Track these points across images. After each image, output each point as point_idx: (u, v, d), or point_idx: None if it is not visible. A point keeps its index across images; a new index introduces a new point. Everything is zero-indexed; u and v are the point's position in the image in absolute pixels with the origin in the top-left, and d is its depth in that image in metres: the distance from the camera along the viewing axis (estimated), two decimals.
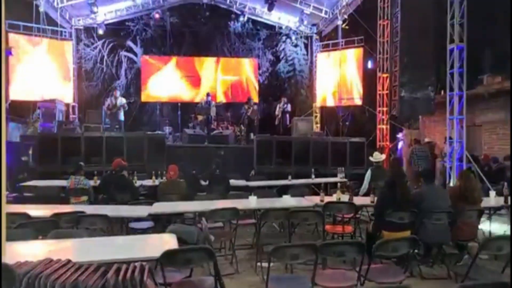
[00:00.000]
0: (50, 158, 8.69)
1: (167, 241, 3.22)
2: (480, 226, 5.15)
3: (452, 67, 8.62)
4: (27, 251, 2.89)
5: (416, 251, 4.05)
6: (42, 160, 8.71)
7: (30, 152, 9.10)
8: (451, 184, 8.56)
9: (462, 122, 8.73)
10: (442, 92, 11.02)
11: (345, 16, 13.73)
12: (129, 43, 15.13)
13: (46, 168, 8.43)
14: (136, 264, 2.48)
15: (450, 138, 8.88)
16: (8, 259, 2.18)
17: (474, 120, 11.25)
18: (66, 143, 8.99)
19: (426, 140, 11.13)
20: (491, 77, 12.09)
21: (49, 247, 3.07)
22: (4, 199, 2.13)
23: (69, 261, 2.37)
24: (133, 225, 5.01)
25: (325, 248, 3.15)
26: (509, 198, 5.42)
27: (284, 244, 3.38)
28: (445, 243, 4.64)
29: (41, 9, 12.06)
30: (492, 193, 5.84)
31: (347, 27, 14.01)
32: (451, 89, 8.70)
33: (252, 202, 5.02)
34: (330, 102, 14.95)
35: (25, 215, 3.95)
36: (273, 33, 15.92)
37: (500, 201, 5.52)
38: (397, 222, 4.33)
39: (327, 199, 5.27)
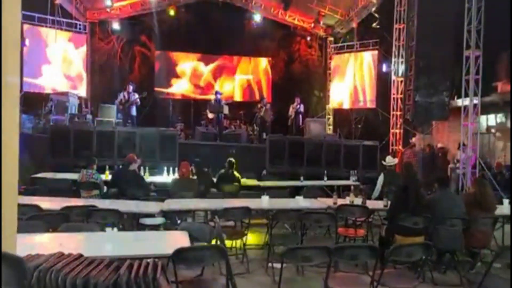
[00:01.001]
0: (62, 151, 8.73)
1: (179, 238, 3.19)
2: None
3: (467, 73, 8.50)
4: (38, 244, 2.88)
5: (429, 257, 3.99)
6: (53, 153, 8.76)
7: None
8: (464, 191, 8.45)
9: (476, 129, 8.61)
10: (456, 98, 10.89)
11: (361, 19, 13.59)
12: (144, 38, 15.18)
13: (57, 161, 8.48)
14: (149, 260, 2.45)
15: (464, 144, 8.75)
16: (18, 251, 2.15)
17: (488, 127, 11.08)
18: (78, 136, 9.02)
19: (439, 145, 11.00)
20: (505, 84, 11.90)
21: (59, 240, 3.06)
22: (16, 191, 2.10)
23: (80, 255, 2.34)
24: (144, 221, 4.99)
25: (339, 251, 3.09)
26: None
27: (297, 246, 3.34)
28: (458, 250, 4.60)
29: (57, 1, 12.15)
30: (506, 201, 5.72)
31: (362, 29, 13.86)
32: (466, 95, 8.58)
33: (264, 202, 4.98)
34: (344, 104, 14.84)
35: (36, 207, 3.95)
36: (288, 33, 15.84)
37: None
38: (411, 227, 4.30)
39: (340, 201, 5.21)
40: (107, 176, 6.68)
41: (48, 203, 4.32)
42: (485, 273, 3.33)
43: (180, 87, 15.40)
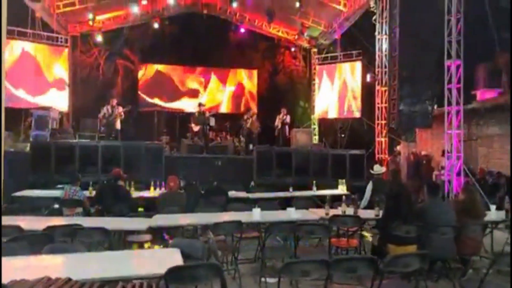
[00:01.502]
0: (43, 167, 8.45)
1: (171, 256, 3.07)
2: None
3: (449, 82, 8.70)
4: (21, 268, 2.70)
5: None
6: (34, 169, 8.46)
7: None
8: (450, 198, 8.55)
9: (459, 136, 8.77)
10: (436, 107, 11.12)
11: (343, 30, 13.82)
12: (127, 51, 15.01)
13: (38, 178, 8.19)
14: (142, 281, 2.33)
15: (448, 152, 8.89)
16: (2, 277, 2.01)
17: (470, 134, 11.33)
18: (60, 151, 8.76)
19: (423, 153, 11.16)
20: (484, 92, 12.27)
21: (44, 263, 2.89)
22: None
23: (69, 279, 2.21)
24: (131, 238, 4.82)
25: (337, 263, 3.03)
26: (509, 212, 5.40)
27: (294, 260, 3.27)
28: (450, 258, 4.59)
29: (38, 14, 11.92)
30: (493, 207, 5.79)
31: (345, 40, 14.09)
32: (449, 104, 8.76)
33: (256, 215, 4.88)
34: (329, 114, 14.96)
35: (17, 228, 3.75)
36: (273, 45, 15.96)
37: (501, 215, 5.47)
38: (403, 236, 4.27)
39: (332, 212, 5.17)
40: (90, 192, 6.47)
41: (29, 223, 4.11)
42: (482, 280, 3.32)
43: (165, 100, 15.24)
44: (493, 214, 5.53)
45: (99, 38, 14.19)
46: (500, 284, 3.79)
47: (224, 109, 15.53)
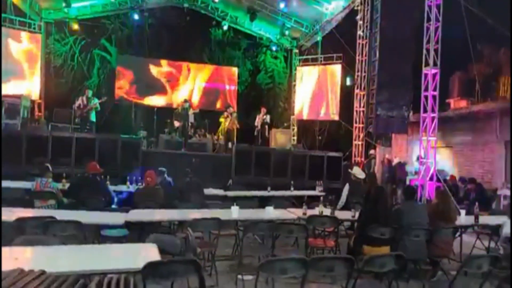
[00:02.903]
0: (13, 158, 8.11)
1: (149, 252, 3.01)
2: None
3: (426, 89, 8.93)
4: None
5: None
6: (4, 160, 8.09)
7: None
8: (422, 201, 8.81)
9: (433, 143, 9.03)
10: (412, 113, 11.42)
11: (325, 33, 13.98)
12: (104, 41, 14.63)
13: (8, 168, 7.84)
14: (119, 276, 2.27)
15: (422, 157, 9.14)
16: None
17: (444, 141, 11.70)
18: (31, 142, 8.45)
19: (396, 161, 11.36)
20: (458, 101, 12.69)
21: (16, 254, 2.76)
22: None
23: (43, 272, 2.13)
24: (105, 232, 4.70)
25: (315, 262, 3.05)
26: (479, 217, 5.62)
27: (273, 258, 3.25)
28: (422, 259, 4.73)
29: None
30: (463, 212, 6.01)
31: (326, 43, 14.26)
32: (425, 111, 8.99)
33: (235, 212, 4.86)
34: (307, 116, 15.09)
35: None
36: (254, 44, 15.96)
37: (470, 220, 5.68)
38: (378, 237, 4.38)
39: (309, 212, 5.22)
40: (64, 185, 6.26)
41: None
42: (452, 281, 3.43)
43: (142, 93, 14.93)
44: (463, 218, 5.73)
45: (75, 26, 13.73)
46: (467, 285, 3.93)
47: (202, 106, 15.38)
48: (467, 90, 12.67)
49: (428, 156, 8.97)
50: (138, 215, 4.63)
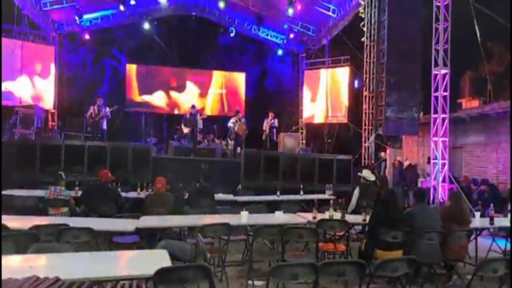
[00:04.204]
0: (28, 167, 8.28)
1: (159, 258, 3.03)
2: None
3: (436, 90, 8.85)
4: (7, 267, 2.64)
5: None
6: (18, 169, 8.28)
7: None
8: (435, 204, 8.69)
9: (445, 144, 8.92)
10: (422, 114, 11.30)
11: (332, 36, 13.98)
12: (114, 51, 14.87)
13: (22, 177, 8.01)
14: (132, 282, 2.31)
15: (434, 159, 9.03)
16: None
17: (455, 142, 11.54)
18: (45, 151, 8.60)
19: (406, 163, 11.25)
20: (469, 101, 12.51)
21: (31, 262, 2.83)
22: None
23: (58, 279, 2.17)
24: (117, 239, 4.76)
25: (326, 267, 3.04)
26: (494, 219, 5.51)
27: (283, 263, 3.26)
28: (436, 263, 4.64)
29: (24, 11, 11.71)
30: (477, 214, 5.90)
31: (334, 46, 14.25)
32: (435, 112, 8.90)
33: (244, 217, 4.87)
34: (316, 119, 15.06)
35: (3, 227, 3.67)
36: (261, 49, 16.04)
37: (485, 222, 5.58)
38: (390, 241, 4.31)
39: (319, 216, 5.20)
40: (76, 192, 6.36)
41: (14, 222, 4.02)
42: (468, 285, 3.39)
43: (152, 101, 15.12)
44: (477, 221, 5.62)
45: (86, 37, 14.03)
46: None
47: (211, 111, 15.50)
48: (479, 90, 12.48)
49: (440, 158, 8.87)
50: (148, 221, 4.67)
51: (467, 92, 12.71)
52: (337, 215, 5.24)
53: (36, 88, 12.90)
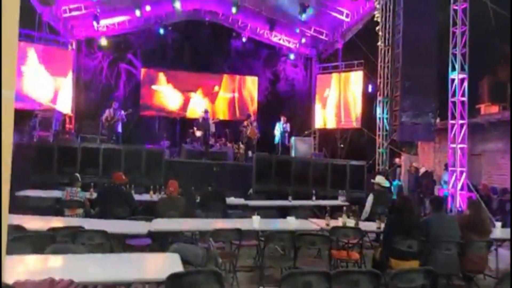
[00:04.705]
0: (46, 168, 8.45)
1: (171, 262, 3.04)
2: None
3: (453, 95, 8.69)
4: (25, 268, 2.70)
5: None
6: (37, 170, 8.46)
7: None
8: (453, 212, 8.51)
9: (463, 151, 8.74)
10: (439, 120, 11.09)
11: (346, 40, 13.91)
12: (130, 55, 15.11)
13: (41, 178, 8.18)
14: (144, 286, 2.32)
15: (451, 166, 8.85)
16: (5, 277, 1.99)
17: (474, 149, 11.30)
18: (62, 153, 8.76)
19: (422, 170, 11.04)
20: (488, 106, 12.24)
21: (47, 263, 2.88)
22: (6, 211, 1.95)
23: (72, 281, 2.20)
24: (130, 241, 4.79)
25: (339, 276, 2.99)
26: None
27: (296, 271, 3.23)
28: (454, 274, 4.51)
29: (45, 18, 12.01)
30: (498, 224, 5.74)
31: (347, 50, 14.18)
32: (453, 117, 8.73)
33: (256, 222, 4.85)
34: (329, 124, 14.97)
35: (21, 228, 3.74)
36: (274, 53, 16.06)
37: (507, 232, 5.42)
38: (406, 250, 4.21)
39: (332, 223, 5.13)
40: (91, 194, 6.45)
41: (31, 223, 4.10)
42: None
43: (166, 104, 15.28)
44: (498, 231, 5.46)
45: (103, 42, 14.31)
46: None
47: (224, 115, 15.56)
48: (498, 95, 12.20)
49: (459, 165, 8.69)
50: (161, 224, 4.70)
51: (486, 97, 12.43)
52: (351, 222, 5.16)
53: (55, 92, 13.16)
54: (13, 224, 3.70)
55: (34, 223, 4.14)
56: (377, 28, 10.34)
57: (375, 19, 9.74)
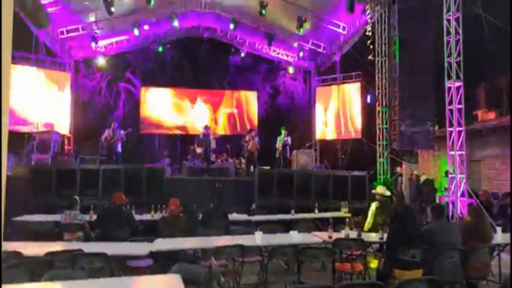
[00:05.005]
0: (44, 191, 8.41)
1: (172, 283, 3.00)
2: None
3: (450, 103, 8.73)
4: None
5: None
6: (35, 193, 8.42)
7: None
8: (454, 219, 8.44)
9: (462, 157, 8.73)
10: (437, 127, 11.10)
11: (343, 52, 14.03)
12: (128, 74, 15.22)
13: (39, 202, 8.14)
14: None
15: (451, 173, 8.82)
16: None
17: (473, 155, 11.28)
18: (61, 175, 8.73)
19: (423, 178, 10.99)
20: (485, 113, 12.27)
21: None
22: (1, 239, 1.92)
23: None
24: (131, 263, 4.74)
25: None
26: None
27: (300, 286, 3.17)
28: (458, 282, 4.46)
29: (42, 39, 12.13)
30: (499, 229, 5.70)
31: (345, 62, 14.29)
32: (451, 125, 8.75)
33: (258, 238, 4.80)
34: (329, 135, 14.99)
35: (17, 254, 3.69)
36: (272, 67, 16.20)
37: (508, 237, 5.37)
38: (409, 260, 4.17)
39: (335, 235, 5.09)
40: (91, 216, 6.40)
41: (29, 248, 4.05)
42: None
43: (166, 122, 15.33)
44: (499, 236, 5.43)
45: (101, 62, 14.41)
46: None
47: (224, 131, 15.60)
48: (495, 101, 12.25)
49: (458, 172, 8.67)
50: (162, 244, 4.65)
51: (483, 103, 12.49)
52: (353, 234, 5.13)
53: (53, 113, 13.19)
54: (10, 251, 3.66)
55: (32, 248, 4.09)
56: (368, 42, 10.44)
57: (367, 33, 9.84)
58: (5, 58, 1.62)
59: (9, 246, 4.09)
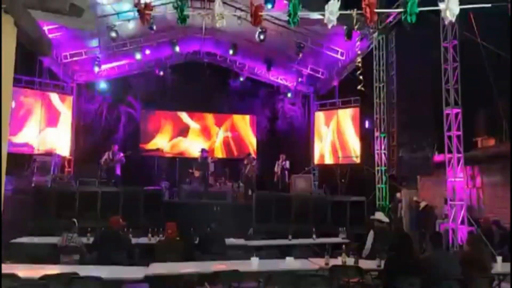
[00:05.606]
0: (44, 213, 8.42)
1: None
2: None
3: (449, 129, 8.79)
4: None
5: None
6: (35, 215, 8.41)
7: None
8: (455, 247, 8.35)
9: (461, 184, 8.72)
10: (437, 154, 11.11)
11: (341, 77, 14.24)
12: (130, 97, 15.42)
13: (38, 224, 8.11)
14: None
15: (451, 200, 8.79)
16: None
17: (473, 182, 11.25)
18: (60, 198, 8.77)
19: (423, 204, 10.93)
20: (485, 140, 12.30)
21: None
22: None
23: None
24: (127, 287, 4.69)
25: None
26: None
27: None
28: None
29: (46, 64, 12.37)
30: (499, 258, 5.64)
31: (343, 87, 14.46)
32: (449, 151, 8.79)
33: (255, 264, 4.78)
34: (328, 160, 15.01)
35: (13, 277, 3.67)
36: (271, 92, 16.40)
37: (507, 267, 5.32)
38: None
39: (332, 261, 5.05)
40: (88, 239, 6.37)
41: (26, 271, 4.04)
42: None
43: (165, 145, 15.41)
44: (499, 266, 5.38)
45: (103, 86, 14.66)
46: None
47: (223, 154, 15.65)
48: (495, 128, 12.28)
49: (457, 199, 8.64)
50: (158, 269, 4.62)
51: (482, 130, 12.52)
52: (351, 261, 5.09)
53: (54, 136, 13.27)
54: (6, 273, 3.64)
55: (28, 271, 4.07)
56: (358, 72, 10.61)
57: (357, 63, 10.00)
58: (5, 90, 1.69)
59: (6, 268, 4.08)
